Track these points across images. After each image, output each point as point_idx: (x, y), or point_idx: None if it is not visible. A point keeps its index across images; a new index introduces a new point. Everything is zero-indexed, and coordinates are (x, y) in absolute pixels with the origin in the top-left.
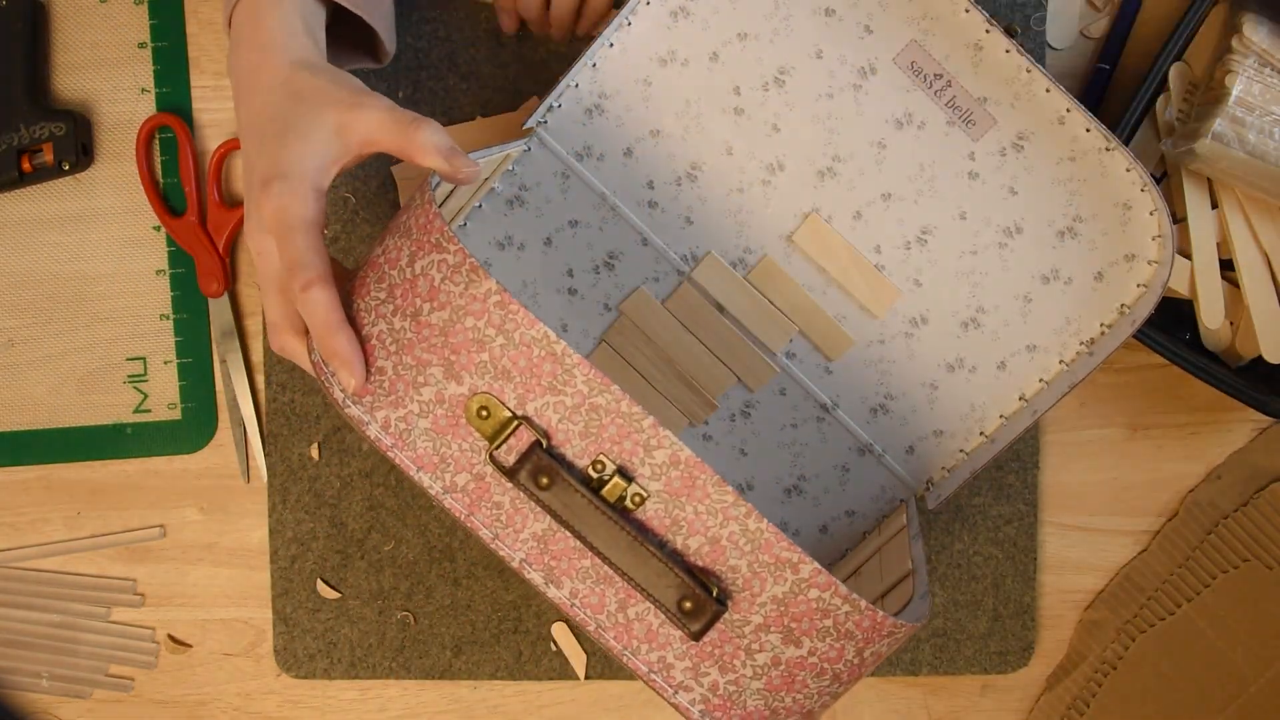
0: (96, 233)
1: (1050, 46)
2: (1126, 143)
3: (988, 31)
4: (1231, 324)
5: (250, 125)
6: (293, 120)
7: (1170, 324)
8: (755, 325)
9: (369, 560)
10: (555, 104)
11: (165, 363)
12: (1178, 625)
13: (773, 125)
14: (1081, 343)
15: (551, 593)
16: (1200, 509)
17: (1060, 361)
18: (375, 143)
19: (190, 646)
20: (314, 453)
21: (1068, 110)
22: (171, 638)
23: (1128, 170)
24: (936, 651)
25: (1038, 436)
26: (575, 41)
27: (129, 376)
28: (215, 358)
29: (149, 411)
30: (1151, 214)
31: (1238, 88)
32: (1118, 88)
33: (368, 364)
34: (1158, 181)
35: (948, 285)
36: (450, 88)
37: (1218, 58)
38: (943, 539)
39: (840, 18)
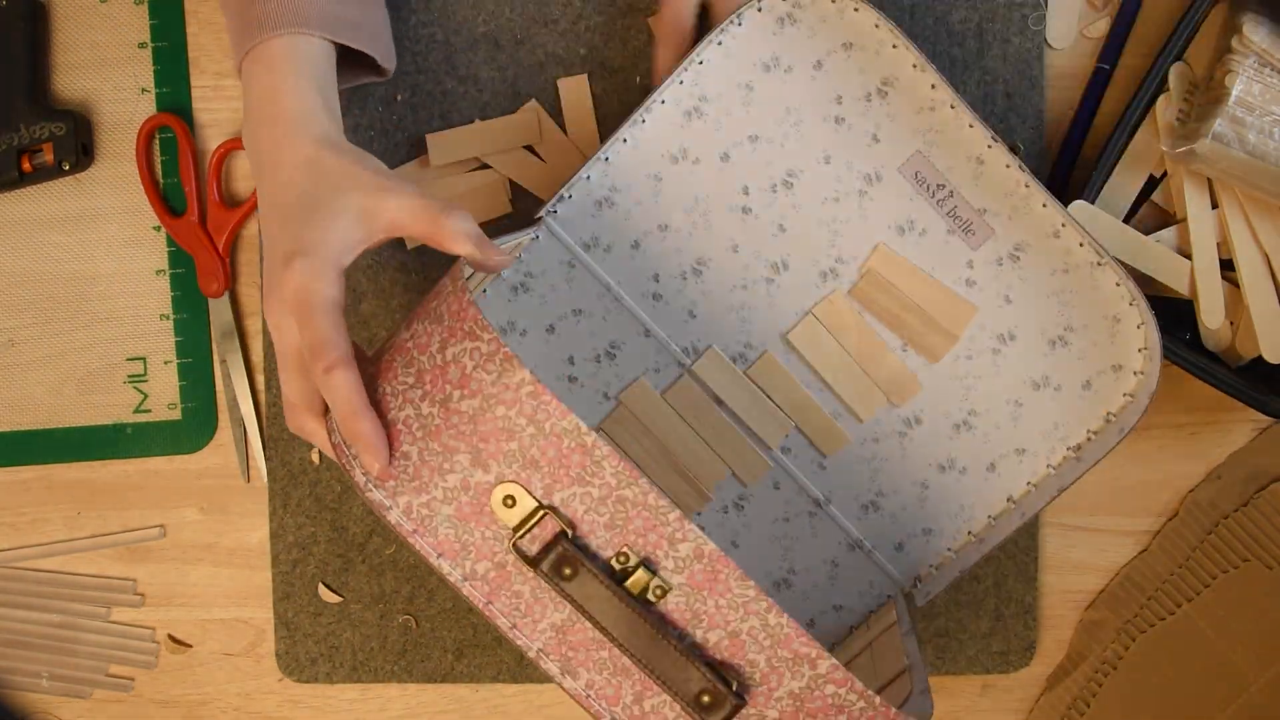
0: (96, 233)
1: (1050, 46)
2: (1126, 143)
3: (990, 147)
4: (1231, 324)
5: (272, 202)
6: (318, 201)
7: (1170, 324)
8: (753, 420)
9: (370, 564)
10: (567, 194)
11: (165, 363)
12: (1178, 625)
13: (779, 225)
14: (1069, 448)
15: (568, 684)
16: (1200, 509)
17: (1048, 466)
18: (403, 228)
19: (190, 646)
20: (314, 457)
21: (1063, 225)
22: (171, 638)
23: (1117, 285)
24: (939, 651)
25: None
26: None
27: (129, 376)
28: (215, 358)
29: (149, 411)
30: (1139, 327)
31: (1238, 88)
32: (1118, 88)
33: (392, 448)
34: (1157, 182)
35: (942, 387)
36: (448, 91)
37: (1218, 58)
38: None
39: (850, 126)
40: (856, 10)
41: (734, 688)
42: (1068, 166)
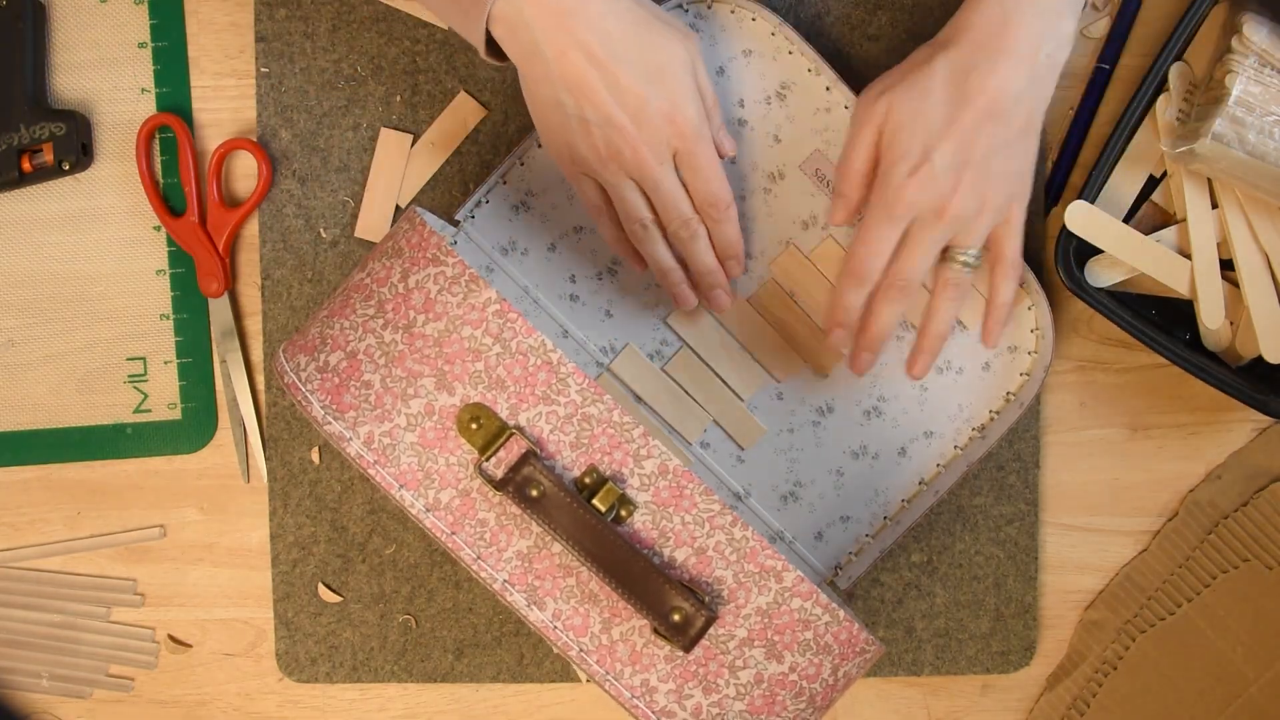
0: (96, 233)
1: None
2: (1126, 143)
3: None
4: (1231, 324)
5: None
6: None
7: (1170, 324)
8: (671, 416)
9: (370, 564)
10: (483, 199)
11: (165, 363)
12: (1178, 625)
13: None
14: (974, 428)
15: (534, 615)
16: (1200, 509)
17: (955, 446)
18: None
19: (190, 646)
20: (314, 456)
21: None
22: (171, 638)
23: None
24: (939, 651)
25: (1038, 436)
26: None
27: (129, 376)
28: (215, 358)
29: (149, 411)
30: (1029, 309)
31: (1238, 88)
32: (1118, 88)
33: (352, 379)
34: (1157, 182)
35: (851, 376)
36: (448, 91)
37: (1218, 58)
38: (944, 539)
39: (752, 128)
40: (755, 20)
41: (706, 601)
42: (1068, 166)
